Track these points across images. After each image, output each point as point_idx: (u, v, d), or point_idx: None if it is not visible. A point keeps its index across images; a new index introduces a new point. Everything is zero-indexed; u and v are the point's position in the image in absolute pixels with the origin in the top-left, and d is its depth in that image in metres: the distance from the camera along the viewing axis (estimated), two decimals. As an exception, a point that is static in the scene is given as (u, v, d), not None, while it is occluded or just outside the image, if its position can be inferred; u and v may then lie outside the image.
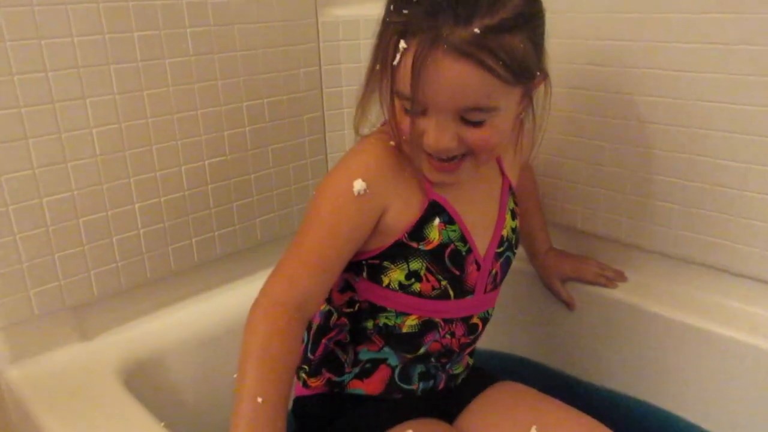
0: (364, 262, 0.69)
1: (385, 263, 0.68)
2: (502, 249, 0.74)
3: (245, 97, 0.93)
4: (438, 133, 0.60)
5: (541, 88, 0.65)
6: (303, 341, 0.77)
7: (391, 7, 0.59)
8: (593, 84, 0.91)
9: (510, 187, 0.76)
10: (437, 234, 0.68)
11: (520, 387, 0.81)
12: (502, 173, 0.75)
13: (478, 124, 0.60)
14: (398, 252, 0.68)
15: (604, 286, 0.95)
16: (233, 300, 0.95)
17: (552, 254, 0.97)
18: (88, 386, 0.77)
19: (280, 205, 1.01)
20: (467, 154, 0.63)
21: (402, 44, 0.57)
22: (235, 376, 0.58)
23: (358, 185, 0.63)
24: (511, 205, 0.76)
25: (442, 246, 0.68)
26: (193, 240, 0.92)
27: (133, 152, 0.83)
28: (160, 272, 0.90)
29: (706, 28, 0.79)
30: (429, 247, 0.68)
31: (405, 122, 0.62)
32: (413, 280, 0.69)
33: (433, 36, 0.55)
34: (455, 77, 0.56)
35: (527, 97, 0.64)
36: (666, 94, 0.84)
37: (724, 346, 0.84)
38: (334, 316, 0.74)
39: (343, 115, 1.05)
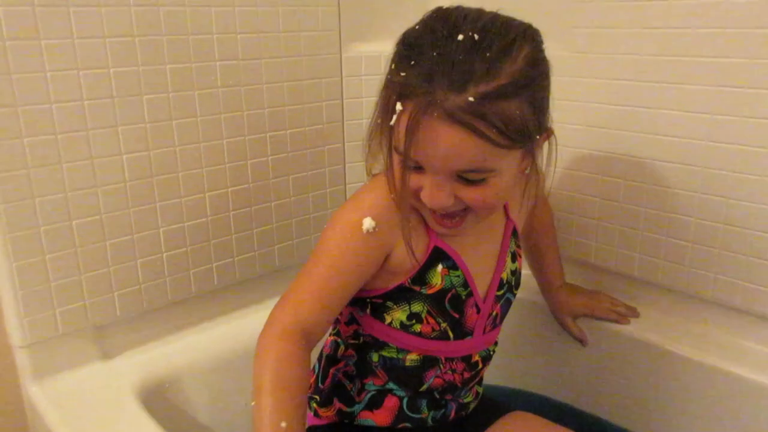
0: (368, 299, 0.71)
1: (388, 303, 0.70)
2: (501, 292, 0.75)
3: (269, 127, 0.96)
4: (434, 191, 0.61)
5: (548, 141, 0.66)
6: (312, 368, 0.79)
7: (393, 66, 0.60)
8: (610, 123, 0.93)
9: (514, 230, 0.77)
10: (440, 279, 0.69)
11: (531, 417, 0.82)
12: (507, 216, 0.76)
13: (476, 183, 0.60)
14: (401, 294, 0.69)
15: (616, 321, 0.96)
16: (249, 324, 0.97)
17: (564, 290, 0.98)
18: (107, 405, 0.79)
19: (298, 232, 1.04)
20: (468, 209, 0.64)
21: (398, 106, 0.58)
22: (252, 404, 0.60)
23: (368, 223, 0.65)
24: (513, 247, 0.77)
25: (444, 291, 0.70)
26: (214, 265, 0.95)
27: (160, 179, 0.86)
28: (181, 295, 0.92)
29: (721, 71, 0.81)
30: (431, 292, 0.69)
31: (403, 177, 0.62)
32: (414, 321, 0.70)
33: (428, 101, 0.56)
34: (449, 143, 0.57)
35: (529, 155, 0.64)
36: (681, 135, 0.87)
37: (737, 385, 0.84)
38: (342, 348, 0.76)
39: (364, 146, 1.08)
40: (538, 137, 0.62)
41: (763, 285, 0.84)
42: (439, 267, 0.69)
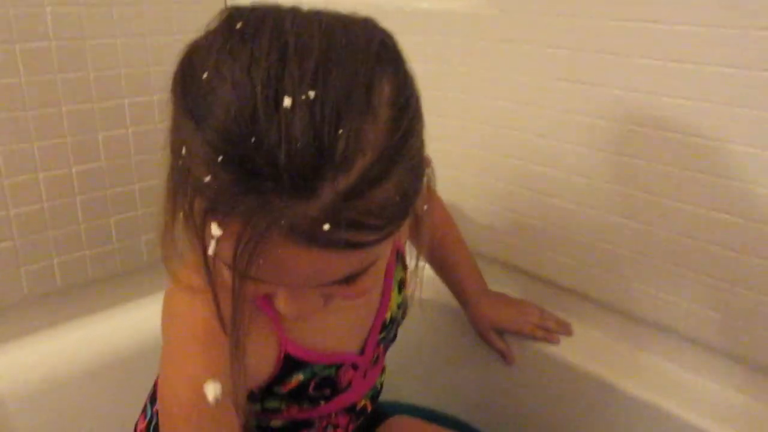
0: None
1: None
2: (384, 334, 0.60)
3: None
4: (294, 302, 0.42)
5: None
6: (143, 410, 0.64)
7: (184, 149, 0.37)
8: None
9: (398, 253, 0.60)
10: (297, 379, 0.54)
11: (413, 421, 0.71)
12: None
13: (351, 280, 0.41)
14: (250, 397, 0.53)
15: (545, 339, 0.81)
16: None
17: (486, 300, 0.82)
18: None
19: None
20: None
21: (215, 230, 0.36)
22: None
23: (213, 392, 0.45)
24: (398, 275, 0.60)
25: (304, 385, 0.55)
26: (55, 260, 0.77)
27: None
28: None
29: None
30: (287, 390, 0.54)
31: (239, 290, 0.40)
32: (270, 412, 0.56)
33: (265, 219, 0.35)
34: (311, 266, 0.38)
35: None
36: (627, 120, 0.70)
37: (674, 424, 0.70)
38: None
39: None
40: (418, 198, 0.42)
41: (705, 309, 0.69)
42: (295, 376, 0.54)
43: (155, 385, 0.62)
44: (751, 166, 0.62)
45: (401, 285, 0.61)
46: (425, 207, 0.48)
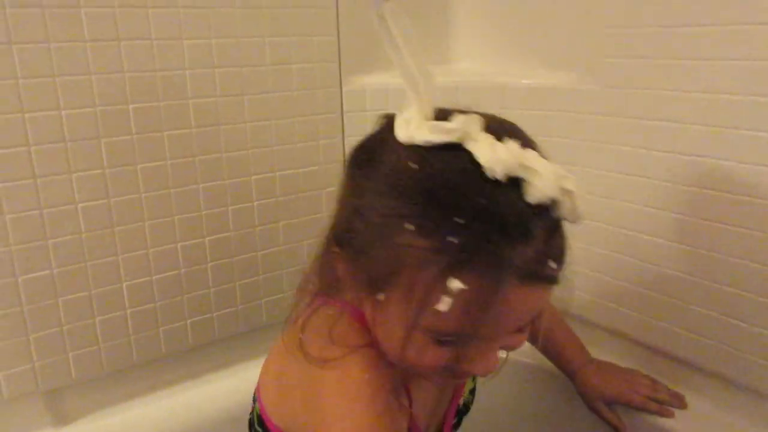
0: None
1: None
2: (457, 419, 0.62)
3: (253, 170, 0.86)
4: (489, 361, 0.48)
5: None
6: None
7: (414, 229, 0.43)
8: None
9: None
10: None
11: None
12: None
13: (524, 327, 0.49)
14: None
15: (657, 413, 0.78)
16: (227, 387, 0.88)
17: (592, 370, 0.81)
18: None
19: (289, 285, 0.93)
20: None
21: (456, 284, 0.42)
22: None
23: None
24: None
25: None
26: (188, 321, 0.85)
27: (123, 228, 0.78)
28: (150, 355, 0.83)
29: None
30: None
31: (431, 353, 0.47)
32: None
33: (499, 264, 0.42)
34: (527, 305, 0.45)
35: None
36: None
37: None
38: None
39: (368, 189, 0.96)
40: None
41: None
42: None
43: None
44: None
45: None
46: None
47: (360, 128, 0.93)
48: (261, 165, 0.87)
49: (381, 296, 0.47)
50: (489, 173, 0.43)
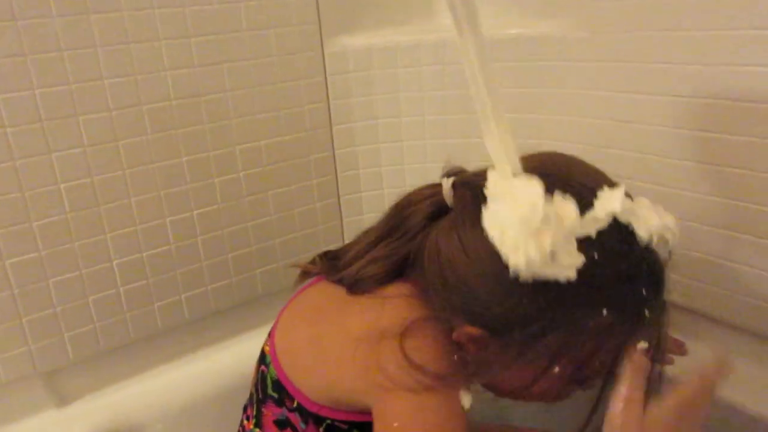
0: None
1: None
2: None
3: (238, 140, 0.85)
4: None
5: None
6: None
7: (634, 314, 0.50)
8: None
9: None
10: None
11: None
12: None
13: None
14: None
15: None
16: (228, 359, 0.88)
17: None
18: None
19: (282, 254, 0.93)
20: None
21: (642, 344, 0.50)
22: None
23: (467, 400, 0.53)
24: None
25: None
26: (183, 296, 0.85)
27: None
28: (145, 331, 0.83)
29: None
30: None
31: (562, 392, 0.56)
32: None
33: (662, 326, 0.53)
34: None
35: None
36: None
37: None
38: None
39: (356, 153, 0.95)
40: None
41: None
42: None
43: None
44: None
45: None
46: None
47: (344, 91, 0.92)
48: (245, 134, 0.85)
49: (556, 369, 0.51)
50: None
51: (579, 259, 0.47)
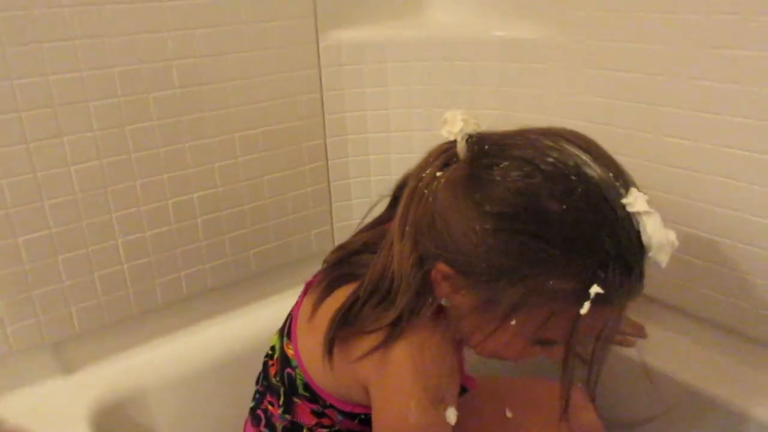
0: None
1: None
2: None
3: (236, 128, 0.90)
4: (555, 355, 0.59)
5: None
6: None
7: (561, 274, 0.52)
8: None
9: None
10: None
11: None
12: None
13: None
14: None
15: (620, 344, 0.84)
16: (223, 333, 0.94)
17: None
18: (67, 421, 0.78)
19: (275, 236, 0.98)
20: None
21: (604, 314, 0.54)
22: None
23: (453, 415, 0.59)
24: None
25: None
26: (182, 273, 0.90)
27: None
28: (146, 306, 0.89)
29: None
30: None
31: (526, 352, 0.59)
32: None
33: (630, 299, 0.54)
34: (601, 322, 0.56)
35: None
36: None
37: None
38: None
39: (347, 142, 1.00)
40: None
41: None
42: None
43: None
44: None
45: None
46: None
47: (338, 83, 0.97)
48: (244, 122, 0.90)
49: (512, 322, 0.55)
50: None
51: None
